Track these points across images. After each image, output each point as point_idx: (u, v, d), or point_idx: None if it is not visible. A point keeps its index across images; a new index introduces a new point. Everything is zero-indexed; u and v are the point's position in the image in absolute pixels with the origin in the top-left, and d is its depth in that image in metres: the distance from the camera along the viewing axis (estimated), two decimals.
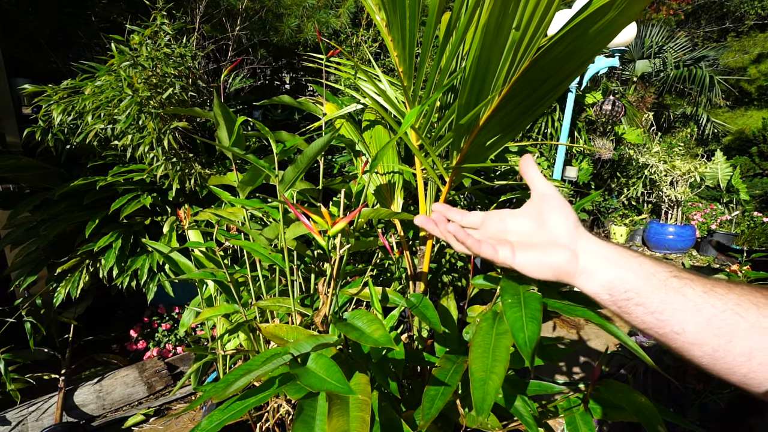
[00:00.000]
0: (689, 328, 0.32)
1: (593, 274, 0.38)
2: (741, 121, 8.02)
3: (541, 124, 4.42)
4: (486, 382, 0.48)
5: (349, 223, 0.61)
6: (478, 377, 0.49)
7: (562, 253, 0.39)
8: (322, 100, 1.11)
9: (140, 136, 1.55)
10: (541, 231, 0.42)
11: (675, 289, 0.34)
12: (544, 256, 0.39)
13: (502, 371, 0.49)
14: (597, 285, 0.37)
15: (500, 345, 0.53)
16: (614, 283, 0.36)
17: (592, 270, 0.38)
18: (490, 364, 0.50)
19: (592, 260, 0.38)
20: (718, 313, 0.32)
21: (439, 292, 1.67)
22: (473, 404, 0.46)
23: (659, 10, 7.09)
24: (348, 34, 3.15)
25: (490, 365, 0.50)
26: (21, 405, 1.53)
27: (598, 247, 0.39)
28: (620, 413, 0.65)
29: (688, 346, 0.33)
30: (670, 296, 0.34)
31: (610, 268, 0.37)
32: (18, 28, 2.04)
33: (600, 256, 0.38)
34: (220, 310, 0.91)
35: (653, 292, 0.34)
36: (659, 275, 0.35)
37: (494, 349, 0.52)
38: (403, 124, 0.67)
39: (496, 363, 0.50)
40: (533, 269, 0.40)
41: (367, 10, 0.96)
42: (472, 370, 0.50)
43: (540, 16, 0.56)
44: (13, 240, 1.67)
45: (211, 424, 0.49)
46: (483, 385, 0.48)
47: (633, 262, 0.37)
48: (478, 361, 0.51)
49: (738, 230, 4.57)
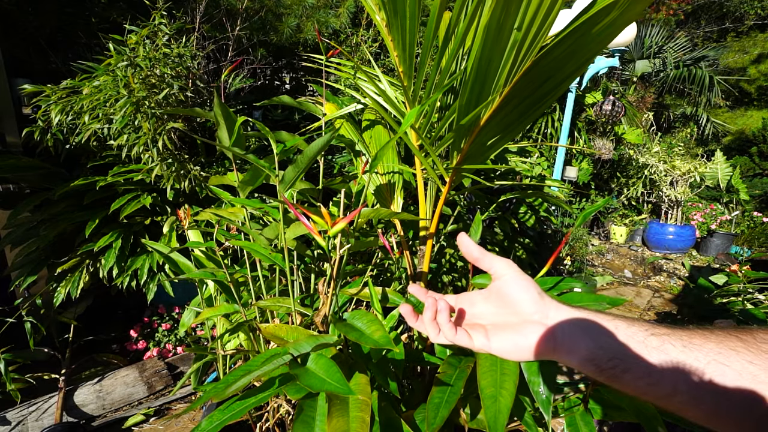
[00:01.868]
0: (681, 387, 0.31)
1: (573, 347, 0.36)
2: (741, 121, 8.02)
3: (541, 124, 4.42)
4: (497, 399, 0.47)
5: (349, 223, 0.61)
6: (488, 394, 0.47)
7: (536, 331, 0.37)
8: (322, 100, 1.11)
9: (135, 136, 1.55)
10: (509, 310, 0.40)
11: (656, 349, 0.33)
12: (520, 337, 0.38)
13: (512, 387, 0.48)
14: (580, 358, 0.35)
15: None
16: (597, 353, 0.35)
17: (571, 344, 0.36)
18: (499, 379, 0.49)
19: (569, 333, 0.36)
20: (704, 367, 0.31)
21: (439, 292, 1.66)
22: (486, 425, 0.44)
23: (659, 10, 7.09)
24: (348, 34, 3.15)
25: (499, 380, 0.49)
26: (21, 405, 1.53)
27: (571, 316, 0.37)
28: (620, 413, 0.65)
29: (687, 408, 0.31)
30: (653, 357, 0.32)
31: (589, 337, 0.35)
32: (18, 28, 2.04)
33: (576, 326, 0.36)
34: (220, 310, 0.91)
35: (636, 356, 0.33)
36: (637, 336, 0.34)
37: (502, 362, 0.52)
38: (403, 124, 0.67)
39: (505, 377, 0.49)
40: (511, 355, 0.38)
41: (367, 10, 0.96)
42: (482, 386, 0.49)
43: (543, 16, 0.56)
44: (13, 240, 1.67)
45: (211, 424, 0.49)
46: (494, 402, 0.46)
47: (608, 326, 0.35)
48: (487, 376, 0.50)
49: (738, 230, 4.58)
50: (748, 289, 2.21)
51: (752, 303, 2.15)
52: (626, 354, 0.33)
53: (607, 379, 0.34)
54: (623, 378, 0.33)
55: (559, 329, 0.37)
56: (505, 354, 0.38)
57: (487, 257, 0.42)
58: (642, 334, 0.34)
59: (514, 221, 1.93)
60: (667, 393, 0.32)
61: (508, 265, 0.41)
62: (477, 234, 0.87)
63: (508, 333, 0.39)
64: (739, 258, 4.13)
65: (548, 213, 2.00)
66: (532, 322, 0.38)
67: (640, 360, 0.33)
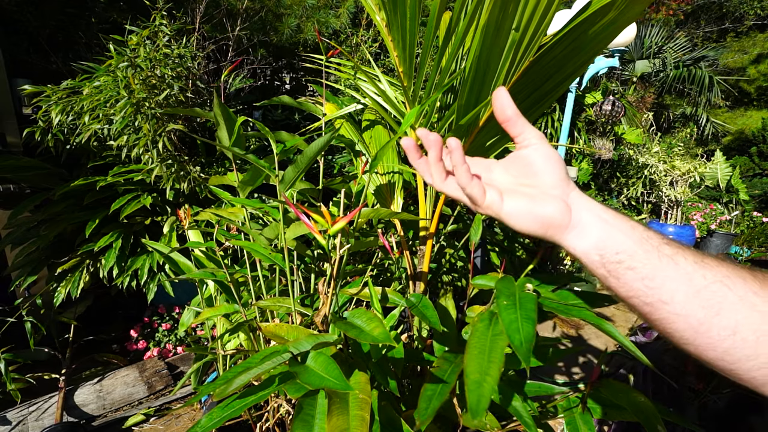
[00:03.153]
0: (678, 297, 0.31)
1: (585, 230, 0.35)
2: (740, 121, 8.03)
3: (541, 124, 4.42)
4: (481, 385, 0.48)
5: (349, 222, 0.62)
6: (473, 379, 0.49)
7: (554, 204, 0.36)
8: (322, 101, 1.12)
9: (136, 137, 1.55)
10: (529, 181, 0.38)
11: (668, 256, 0.32)
12: (535, 205, 0.36)
13: (497, 373, 0.49)
14: (588, 243, 0.35)
15: (496, 346, 0.53)
16: (606, 243, 0.34)
17: (584, 226, 0.35)
18: (486, 366, 0.50)
19: (585, 216, 0.35)
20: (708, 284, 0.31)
21: (438, 292, 1.67)
22: (468, 406, 0.46)
23: (659, 10, 7.09)
24: (348, 34, 3.16)
25: (485, 367, 0.50)
26: (21, 405, 1.53)
27: (590, 204, 0.36)
28: (620, 413, 0.65)
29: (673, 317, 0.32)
30: (663, 263, 0.32)
31: (603, 226, 0.34)
32: (18, 28, 2.04)
33: (592, 213, 0.35)
34: (220, 310, 0.92)
35: (646, 257, 0.33)
36: (652, 241, 0.33)
37: (490, 351, 0.52)
38: (403, 124, 0.68)
39: (492, 364, 0.50)
40: (521, 219, 0.36)
41: (367, 11, 0.96)
42: (467, 372, 0.50)
43: (540, 16, 0.56)
44: (13, 240, 1.67)
45: (211, 421, 0.49)
46: (478, 387, 0.48)
47: (626, 224, 0.34)
48: (474, 363, 0.51)
49: (737, 230, 4.58)
50: None
51: None
52: (635, 252, 0.33)
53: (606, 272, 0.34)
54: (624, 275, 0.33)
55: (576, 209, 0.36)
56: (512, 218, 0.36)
57: (520, 120, 0.38)
58: (657, 240, 0.33)
59: None
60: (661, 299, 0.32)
61: (539, 135, 0.38)
62: (477, 234, 0.87)
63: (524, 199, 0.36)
64: (739, 258, 4.13)
65: None
66: (552, 196, 0.36)
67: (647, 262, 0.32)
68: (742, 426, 1.20)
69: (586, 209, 0.36)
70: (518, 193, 0.37)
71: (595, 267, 0.35)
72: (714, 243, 4.57)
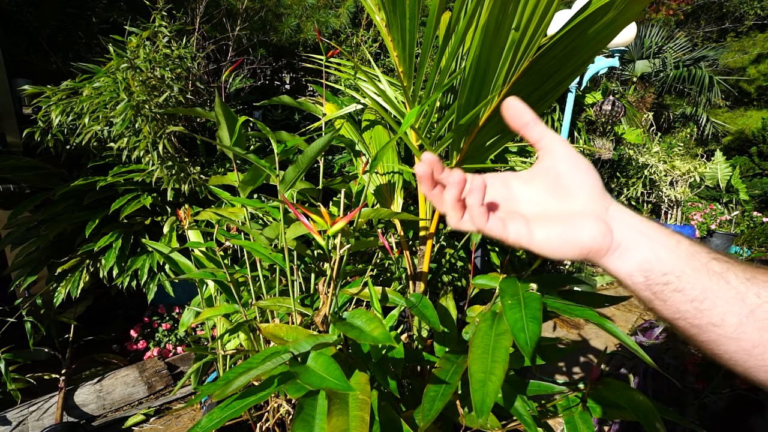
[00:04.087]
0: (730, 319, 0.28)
1: (628, 251, 0.31)
2: (740, 121, 8.03)
3: None
4: (485, 384, 0.48)
5: (349, 223, 0.62)
6: (478, 378, 0.49)
7: (592, 225, 0.32)
8: (322, 101, 1.12)
9: (136, 139, 1.55)
10: (559, 199, 0.33)
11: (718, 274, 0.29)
12: (570, 230, 0.31)
13: (501, 373, 0.49)
14: (632, 265, 0.31)
15: (499, 346, 0.53)
16: (652, 264, 0.30)
17: (627, 246, 0.31)
18: (490, 366, 0.50)
19: (627, 233, 0.32)
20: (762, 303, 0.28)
21: (439, 292, 1.67)
22: (473, 406, 0.46)
23: (659, 10, 7.09)
24: (348, 34, 3.16)
25: (489, 366, 0.50)
26: (21, 405, 1.53)
27: (632, 219, 0.32)
28: (619, 412, 0.65)
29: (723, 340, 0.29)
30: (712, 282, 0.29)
31: (648, 244, 0.31)
32: (18, 28, 2.04)
33: (635, 229, 0.32)
34: (220, 310, 0.92)
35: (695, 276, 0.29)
36: (700, 257, 0.30)
37: (494, 350, 0.52)
38: (403, 124, 0.68)
39: (496, 364, 0.50)
40: (556, 249, 0.32)
41: (367, 11, 0.96)
42: (472, 371, 0.50)
43: (539, 16, 0.56)
44: (13, 240, 1.67)
45: (211, 422, 0.49)
46: (482, 386, 0.48)
47: (670, 239, 0.31)
48: (478, 362, 0.51)
49: (737, 230, 4.58)
50: None
51: None
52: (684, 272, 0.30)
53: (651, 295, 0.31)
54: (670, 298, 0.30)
55: (617, 227, 0.32)
56: (546, 248, 0.32)
57: (539, 125, 0.34)
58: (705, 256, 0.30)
59: None
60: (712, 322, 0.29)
61: (562, 140, 0.34)
62: (478, 234, 0.87)
63: (556, 224, 0.32)
64: (739, 258, 4.13)
65: None
66: (587, 215, 0.32)
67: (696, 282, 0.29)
68: (742, 426, 1.20)
69: (627, 225, 0.32)
70: (548, 217, 0.33)
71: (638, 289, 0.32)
72: (714, 243, 4.57)
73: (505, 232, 0.31)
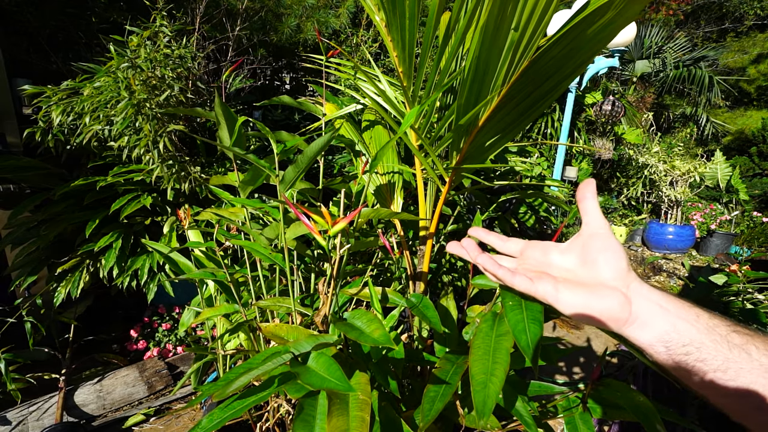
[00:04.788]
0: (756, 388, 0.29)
1: (648, 323, 0.34)
2: (740, 121, 8.03)
3: (541, 124, 4.43)
4: (487, 385, 0.48)
5: (349, 223, 0.62)
6: (479, 380, 0.49)
7: (613, 296, 0.35)
8: (322, 101, 1.12)
9: (136, 138, 1.55)
10: (588, 270, 0.37)
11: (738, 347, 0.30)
12: (593, 298, 0.35)
13: (502, 374, 0.49)
14: (652, 336, 0.33)
15: (500, 347, 0.53)
16: (671, 335, 0.32)
17: (646, 318, 0.34)
18: (491, 367, 0.50)
19: (646, 307, 0.34)
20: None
21: (439, 292, 1.67)
22: (474, 408, 0.46)
23: (659, 10, 7.10)
24: (348, 34, 3.16)
25: (490, 368, 0.50)
26: (21, 405, 1.53)
27: (652, 294, 0.35)
28: (619, 412, 0.65)
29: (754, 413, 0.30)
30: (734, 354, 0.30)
31: (666, 317, 0.33)
32: (18, 28, 2.04)
33: (653, 302, 0.34)
34: (220, 310, 0.92)
35: (715, 348, 0.31)
36: (719, 329, 0.32)
37: (494, 352, 0.52)
38: (403, 124, 0.68)
39: (497, 366, 0.50)
40: (578, 311, 0.35)
41: (367, 11, 0.96)
42: (473, 372, 0.50)
43: (538, 16, 0.56)
44: (13, 240, 1.67)
45: (212, 422, 0.49)
46: (484, 388, 0.48)
47: (690, 312, 0.33)
48: (479, 364, 0.51)
49: (737, 230, 4.58)
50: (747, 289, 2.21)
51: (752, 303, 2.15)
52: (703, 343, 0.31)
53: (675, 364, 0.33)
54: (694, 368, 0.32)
55: (638, 301, 0.35)
56: (569, 309, 0.36)
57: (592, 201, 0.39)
58: (724, 328, 0.32)
59: (514, 221, 1.93)
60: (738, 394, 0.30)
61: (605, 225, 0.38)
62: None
63: (580, 290, 0.36)
64: (739, 258, 4.14)
65: (548, 213, 2.00)
66: (610, 287, 0.35)
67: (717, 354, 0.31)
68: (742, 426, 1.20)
69: (646, 299, 0.35)
70: (575, 282, 0.37)
71: (662, 359, 0.33)
72: (714, 243, 4.57)
73: (533, 288, 0.37)
